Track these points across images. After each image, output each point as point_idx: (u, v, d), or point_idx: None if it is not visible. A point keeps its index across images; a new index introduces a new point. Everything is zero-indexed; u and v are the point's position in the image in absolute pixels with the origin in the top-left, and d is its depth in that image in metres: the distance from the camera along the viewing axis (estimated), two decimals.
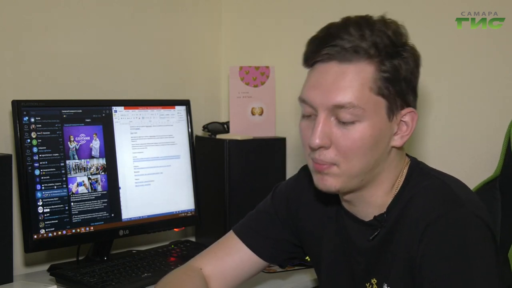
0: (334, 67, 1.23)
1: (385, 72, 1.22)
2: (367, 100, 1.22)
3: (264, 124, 2.25)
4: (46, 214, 1.78)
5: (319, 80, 1.24)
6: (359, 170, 1.25)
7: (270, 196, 1.57)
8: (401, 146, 1.30)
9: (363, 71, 1.21)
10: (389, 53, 1.22)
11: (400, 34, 1.25)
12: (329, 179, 1.26)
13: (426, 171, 1.33)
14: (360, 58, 1.21)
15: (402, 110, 1.26)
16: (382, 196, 1.31)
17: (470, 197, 1.27)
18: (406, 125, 1.27)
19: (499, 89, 2.01)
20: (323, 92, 1.23)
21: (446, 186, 1.26)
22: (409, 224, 1.24)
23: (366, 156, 1.24)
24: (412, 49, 1.27)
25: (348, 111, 1.21)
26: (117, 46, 2.19)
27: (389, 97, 1.23)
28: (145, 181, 2.00)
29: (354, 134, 1.22)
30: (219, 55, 2.55)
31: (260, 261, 1.52)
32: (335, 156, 1.24)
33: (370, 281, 1.33)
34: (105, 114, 1.93)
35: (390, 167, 1.30)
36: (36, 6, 1.97)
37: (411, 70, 1.25)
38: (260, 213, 1.56)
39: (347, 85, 1.21)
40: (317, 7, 2.29)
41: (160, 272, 1.81)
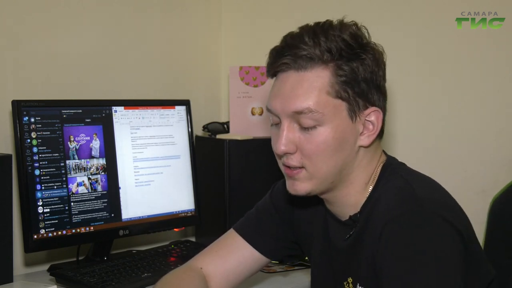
0: (292, 75, 1.27)
1: (342, 76, 1.24)
2: (325, 104, 1.24)
3: (264, 124, 2.25)
4: (46, 214, 1.78)
5: (280, 89, 1.28)
6: (327, 172, 1.28)
7: (269, 194, 1.58)
8: (368, 145, 1.30)
9: (319, 76, 1.25)
10: (344, 56, 1.25)
11: (358, 36, 1.27)
12: (299, 184, 1.30)
13: (396, 171, 1.33)
14: (314, 65, 1.25)
15: (365, 110, 1.28)
16: (355, 195, 1.32)
17: (434, 196, 1.26)
18: (372, 124, 1.29)
19: (499, 89, 2.01)
20: (283, 100, 1.27)
21: (407, 186, 1.27)
22: (373, 224, 1.26)
23: (331, 158, 1.26)
24: (372, 49, 1.28)
25: (308, 116, 1.25)
26: (117, 46, 2.19)
27: (349, 99, 1.25)
28: (145, 181, 2.00)
29: (316, 138, 1.25)
30: (219, 55, 2.55)
31: (262, 257, 1.53)
32: (301, 160, 1.27)
33: (347, 280, 1.34)
34: (105, 114, 1.93)
35: (359, 167, 1.31)
36: (36, 6, 1.97)
37: (371, 70, 1.26)
38: (259, 211, 1.57)
39: (304, 92, 1.25)
40: (317, 7, 2.29)
41: (160, 272, 1.80)
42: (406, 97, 2.10)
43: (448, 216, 1.21)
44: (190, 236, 2.35)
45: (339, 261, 1.37)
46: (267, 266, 1.61)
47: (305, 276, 1.92)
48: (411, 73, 2.12)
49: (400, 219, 1.20)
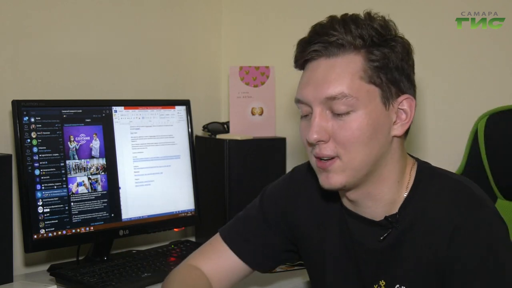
0: (323, 62, 1.25)
1: (374, 61, 1.23)
2: (359, 89, 1.22)
3: (264, 124, 2.25)
4: (46, 214, 1.78)
5: (310, 77, 1.26)
6: (362, 162, 1.24)
7: (259, 199, 1.53)
8: (402, 135, 1.29)
9: (351, 62, 1.23)
10: (376, 43, 1.24)
11: (387, 26, 1.27)
12: (334, 176, 1.25)
13: (439, 171, 1.32)
14: (346, 51, 1.23)
15: (398, 97, 1.26)
16: (388, 194, 1.29)
17: (485, 195, 1.28)
18: (405, 113, 1.27)
19: (499, 89, 2.01)
20: (315, 87, 1.24)
21: (464, 186, 1.27)
22: (429, 226, 1.24)
23: (366, 146, 1.23)
24: (401, 39, 1.28)
25: (341, 102, 1.22)
26: (117, 46, 2.19)
27: (382, 85, 1.24)
28: (145, 181, 2.00)
29: (351, 124, 1.23)
30: (219, 55, 2.55)
31: (249, 268, 1.50)
32: (335, 149, 1.24)
33: (378, 283, 1.31)
34: (105, 114, 1.93)
35: (393, 160, 1.29)
36: (36, 6, 1.97)
37: (401, 58, 1.26)
38: (247, 217, 1.52)
39: (337, 77, 1.23)
40: (317, 7, 2.30)
41: (160, 272, 1.81)
42: None
43: (499, 213, 1.25)
44: (190, 236, 2.35)
45: (369, 263, 1.33)
46: None
47: (305, 276, 1.91)
48: None
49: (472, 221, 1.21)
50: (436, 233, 1.22)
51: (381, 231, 1.30)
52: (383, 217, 1.30)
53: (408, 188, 1.30)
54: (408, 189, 1.30)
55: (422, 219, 1.26)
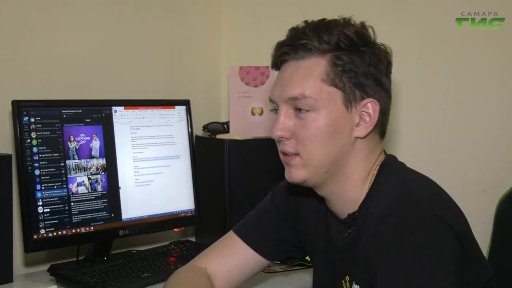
0: (291, 64, 1.33)
1: (339, 65, 1.29)
2: (319, 91, 1.28)
3: (264, 124, 2.25)
4: (46, 214, 1.78)
5: (279, 78, 1.35)
6: (320, 160, 1.30)
7: (270, 196, 1.58)
8: (364, 137, 1.31)
9: (316, 65, 1.29)
10: (343, 48, 1.29)
11: (361, 33, 1.31)
12: (295, 171, 1.33)
13: (393, 169, 1.34)
14: (312, 54, 1.30)
15: (362, 100, 1.30)
16: (352, 192, 1.33)
17: (429, 195, 1.27)
18: (369, 116, 1.31)
19: (499, 89, 2.01)
20: (281, 87, 1.33)
21: (403, 185, 1.27)
22: (369, 223, 1.26)
23: (325, 145, 1.29)
24: (378, 48, 1.32)
25: (302, 102, 1.29)
26: (117, 46, 2.19)
27: (345, 88, 1.29)
28: (145, 181, 2.00)
29: (310, 124, 1.29)
30: (219, 55, 2.55)
31: (262, 259, 1.54)
32: (295, 146, 1.31)
33: (344, 278, 1.35)
34: (105, 114, 1.93)
35: (356, 160, 1.32)
36: (36, 6, 1.97)
37: (369, 63, 1.30)
38: (259, 213, 1.57)
39: (300, 79, 1.30)
40: (317, 7, 2.29)
41: (160, 272, 1.81)
42: (406, 97, 2.10)
43: (444, 215, 1.21)
44: (190, 236, 2.35)
45: (339, 260, 1.38)
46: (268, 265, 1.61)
47: (305, 276, 1.92)
48: (411, 73, 2.12)
49: (394, 218, 1.20)
50: (371, 230, 1.24)
51: (346, 228, 1.35)
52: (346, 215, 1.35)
53: (369, 187, 1.33)
54: (368, 188, 1.33)
55: (368, 216, 1.28)
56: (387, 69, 1.34)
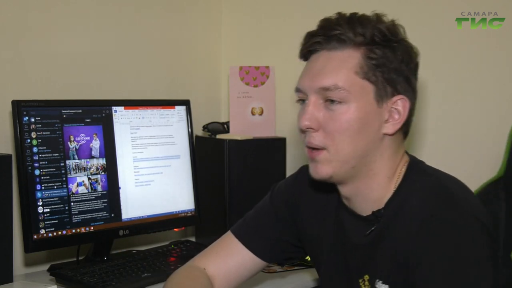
0: (323, 54, 1.30)
1: (372, 59, 1.27)
2: (352, 83, 1.27)
3: (264, 124, 2.25)
4: (46, 214, 1.78)
5: (310, 67, 1.32)
6: (348, 155, 1.28)
7: (269, 196, 1.57)
8: (393, 134, 1.31)
9: (349, 57, 1.28)
10: (377, 42, 1.28)
11: (394, 30, 1.31)
12: (321, 167, 1.30)
13: (425, 169, 1.34)
14: (346, 46, 1.28)
15: (393, 97, 1.29)
16: (377, 190, 1.32)
17: (468, 197, 1.27)
18: (398, 113, 1.30)
19: (499, 89, 2.01)
20: (312, 77, 1.30)
21: (443, 185, 1.27)
22: (404, 221, 1.25)
23: (354, 139, 1.27)
24: (406, 43, 1.32)
25: (334, 93, 1.27)
26: (117, 46, 2.19)
27: (377, 83, 1.27)
28: (145, 181, 2.00)
29: (340, 116, 1.27)
30: (219, 55, 2.55)
31: (261, 261, 1.53)
32: (323, 139, 1.28)
33: (362, 277, 1.33)
34: (105, 114, 1.93)
35: (383, 157, 1.31)
36: (36, 6, 1.97)
37: (401, 60, 1.29)
38: (258, 213, 1.56)
39: (333, 69, 1.28)
40: (317, 7, 2.29)
41: (160, 272, 1.81)
42: None
43: (480, 215, 1.22)
44: (190, 236, 2.35)
45: (356, 258, 1.35)
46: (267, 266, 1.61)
47: (305, 276, 1.92)
48: None
49: (438, 219, 1.20)
50: (407, 229, 1.23)
51: (368, 226, 1.33)
52: (371, 212, 1.33)
53: (396, 185, 1.32)
54: (396, 186, 1.32)
55: (399, 215, 1.27)
56: (415, 69, 1.34)
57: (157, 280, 1.76)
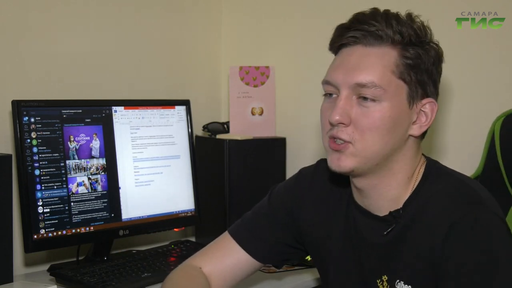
0: (358, 49, 1.28)
1: (408, 58, 1.26)
2: (389, 82, 1.25)
3: (264, 124, 2.25)
4: (46, 214, 1.78)
5: (343, 61, 1.29)
6: (375, 152, 1.27)
7: (267, 197, 1.56)
8: (418, 137, 1.32)
9: (386, 54, 1.26)
10: (413, 42, 1.27)
11: (425, 30, 1.31)
12: (344, 159, 1.27)
13: (445, 170, 1.35)
14: (383, 43, 1.26)
15: (422, 99, 1.29)
16: (396, 189, 1.31)
17: (489, 196, 1.29)
18: (425, 116, 1.30)
19: (499, 89, 2.01)
20: (347, 71, 1.27)
21: (466, 186, 1.28)
22: (428, 222, 1.25)
23: (383, 138, 1.26)
24: (436, 45, 1.32)
25: (370, 90, 1.25)
26: (117, 46, 2.19)
27: (410, 83, 1.27)
28: (145, 181, 2.00)
29: (373, 113, 1.25)
30: (219, 55, 2.55)
31: (256, 262, 1.52)
32: (352, 133, 1.26)
33: (381, 278, 1.32)
34: (105, 114, 1.93)
35: (405, 158, 1.31)
36: (36, 6, 1.97)
37: (433, 63, 1.30)
38: (256, 214, 1.55)
39: (370, 65, 1.25)
40: (317, 7, 2.29)
41: (160, 272, 1.81)
42: None
43: (502, 215, 1.25)
44: (190, 236, 2.35)
45: (373, 258, 1.34)
46: (267, 266, 1.60)
47: (305, 276, 1.92)
48: None
49: (469, 219, 1.21)
50: (434, 230, 1.23)
51: (385, 226, 1.32)
52: (387, 212, 1.32)
53: (415, 185, 1.32)
54: (414, 187, 1.32)
55: (423, 215, 1.27)
56: (441, 72, 1.34)
57: (157, 280, 1.75)
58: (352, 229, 1.39)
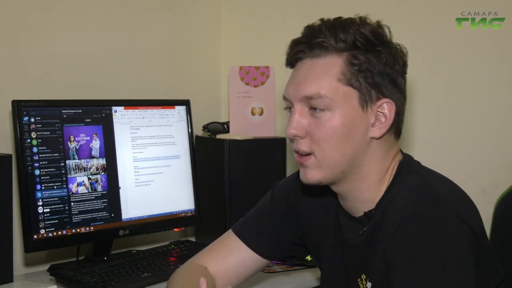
0: (307, 63, 1.31)
1: (355, 65, 1.27)
2: (335, 91, 1.27)
3: (264, 124, 2.25)
4: (46, 214, 1.78)
5: (294, 76, 1.34)
6: (335, 160, 1.29)
7: (269, 194, 1.58)
8: (380, 137, 1.31)
9: (332, 64, 1.28)
10: (360, 47, 1.28)
11: (378, 32, 1.30)
12: (309, 172, 1.31)
13: (413, 168, 1.34)
14: (328, 53, 1.29)
15: (378, 101, 1.29)
16: (368, 191, 1.32)
17: (452, 196, 1.27)
18: (384, 117, 1.30)
19: (499, 89, 2.01)
20: (296, 85, 1.32)
21: (426, 184, 1.27)
22: (390, 220, 1.25)
23: (340, 145, 1.28)
24: (394, 47, 1.32)
25: (317, 101, 1.28)
26: (117, 46, 2.19)
27: (360, 88, 1.28)
28: (145, 181, 2.00)
29: (325, 123, 1.28)
30: (219, 55, 2.55)
31: (262, 259, 1.54)
32: (310, 145, 1.30)
33: (360, 277, 1.34)
34: (105, 114, 1.93)
35: (372, 160, 1.31)
36: (36, 6, 1.97)
37: (385, 63, 1.29)
38: (259, 212, 1.57)
39: (315, 78, 1.29)
40: (317, 7, 2.29)
41: (160, 272, 1.81)
42: None
43: (465, 215, 1.21)
44: (190, 236, 2.35)
45: (353, 258, 1.36)
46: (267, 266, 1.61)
47: (305, 276, 1.92)
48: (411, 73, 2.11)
49: (417, 217, 1.20)
50: (390, 228, 1.23)
51: (360, 226, 1.34)
52: (363, 213, 1.34)
53: (387, 185, 1.32)
54: (387, 187, 1.32)
55: (387, 215, 1.27)
56: (402, 69, 1.33)
57: (157, 280, 1.76)
58: (338, 229, 1.42)
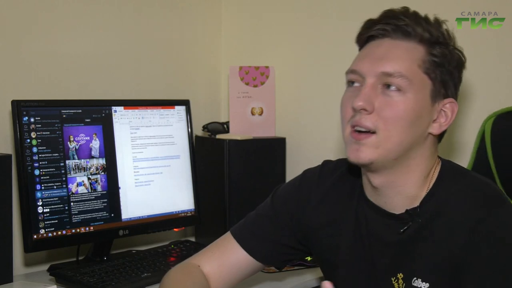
0: (386, 41, 1.30)
1: (435, 56, 1.28)
2: (414, 75, 1.27)
3: (264, 124, 2.25)
4: (46, 214, 1.78)
5: (371, 51, 1.31)
6: (396, 143, 1.27)
7: (270, 198, 1.56)
8: (437, 135, 1.33)
9: (414, 49, 1.29)
10: (441, 42, 1.30)
11: (452, 35, 1.33)
12: (364, 150, 1.27)
13: (461, 170, 1.36)
14: (411, 39, 1.29)
15: (444, 99, 1.31)
16: (413, 187, 1.32)
17: (505, 195, 1.30)
18: (445, 116, 1.31)
19: (499, 89, 2.01)
20: (374, 61, 1.28)
21: (487, 185, 1.30)
22: (449, 221, 1.26)
23: (405, 130, 1.26)
24: (460, 51, 1.34)
25: (396, 80, 1.26)
26: (117, 46, 2.19)
27: (435, 80, 1.29)
28: (145, 181, 2.00)
29: (398, 103, 1.26)
30: (219, 55, 2.55)
31: (257, 263, 1.52)
32: (376, 122, 1.26)
33: (396, 276, 1.32)
34: (105, 114, 1.93)
35: (423, 156, 1.32)
36: (37, 6, 1.97)
37: (456, 66, 1.32)
38: (259, 215, 1.55)
39: (398, 56, 1.27)
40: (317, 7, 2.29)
41: (160, 272, 1.81)
42: None
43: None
44: (190, 236, 2.36)
45: (387, 256, 1.34)
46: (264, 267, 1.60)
47: (305, 276, 1.92)
48: None
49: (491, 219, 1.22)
50: (456, 229, 1.24)
51: (401, 224, 1.32)
52: (403, 210, 1.32)
53: (431, 184, 1.33)
54: (430, 186, 1.33)
55: (443, 214, 1.28)
56: (461, 78, 1.36)
57: (157, 280, 1.75)
58: (363, 227, 1.39)
